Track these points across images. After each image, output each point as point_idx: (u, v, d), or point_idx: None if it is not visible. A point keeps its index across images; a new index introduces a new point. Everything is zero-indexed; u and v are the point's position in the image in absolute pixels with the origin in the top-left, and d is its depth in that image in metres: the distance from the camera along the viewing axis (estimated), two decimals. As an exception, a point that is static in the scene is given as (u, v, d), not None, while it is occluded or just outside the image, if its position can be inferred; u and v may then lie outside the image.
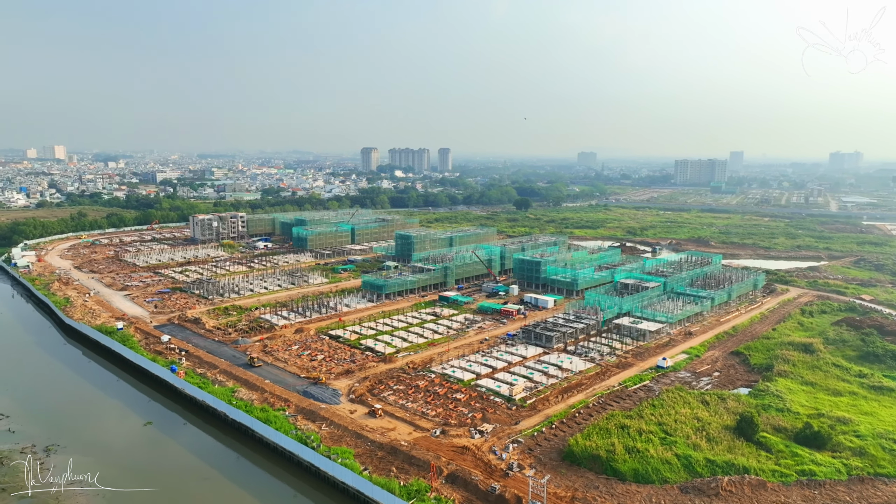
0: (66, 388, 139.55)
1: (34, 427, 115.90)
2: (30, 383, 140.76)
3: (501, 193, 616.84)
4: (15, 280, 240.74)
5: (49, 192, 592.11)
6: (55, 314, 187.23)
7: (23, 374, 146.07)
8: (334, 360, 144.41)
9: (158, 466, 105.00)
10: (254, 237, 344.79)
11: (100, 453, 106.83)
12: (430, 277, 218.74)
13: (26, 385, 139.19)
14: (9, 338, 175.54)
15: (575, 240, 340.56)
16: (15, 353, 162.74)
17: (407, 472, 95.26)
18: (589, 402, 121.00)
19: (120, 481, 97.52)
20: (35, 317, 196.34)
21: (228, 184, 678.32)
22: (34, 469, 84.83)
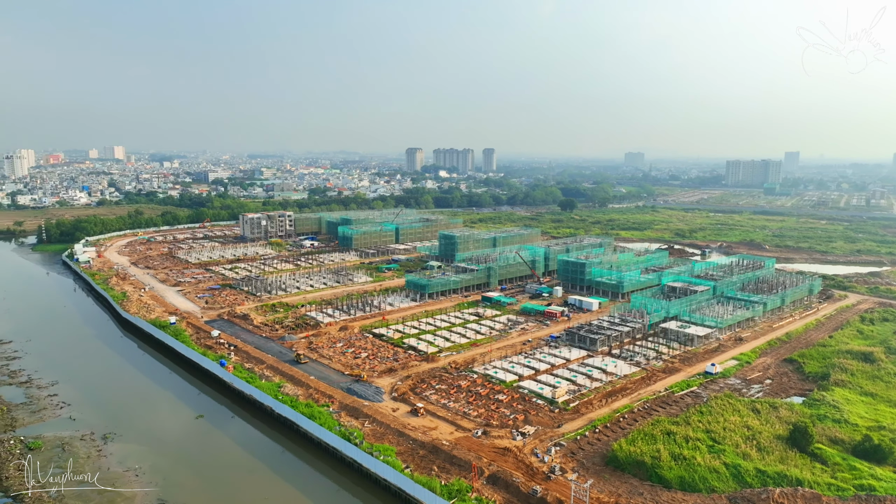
0: (122, 379, 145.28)
1: (93, 415, 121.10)
2: (89, 374, 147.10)
3: (546, 194, 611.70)
4: (77, 274, 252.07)
5: (109, 190, 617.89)
6: (113, 308, 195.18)
7: (83, 365, 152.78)
8: (377, 358, 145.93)
9: (208, 458, 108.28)
10: (301, 236, 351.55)
11: (154, 443, 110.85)
12: (474, 278, 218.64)
13: (86, 375, 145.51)
14: (71, 330, 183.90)
15: (621, 241, 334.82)
16: (76, 344, 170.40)
17: (448, 471, 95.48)
18: (634, 407, 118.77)
19: (171, 472, 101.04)
20: (94, 310, 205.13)
21: (277, 183, 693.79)
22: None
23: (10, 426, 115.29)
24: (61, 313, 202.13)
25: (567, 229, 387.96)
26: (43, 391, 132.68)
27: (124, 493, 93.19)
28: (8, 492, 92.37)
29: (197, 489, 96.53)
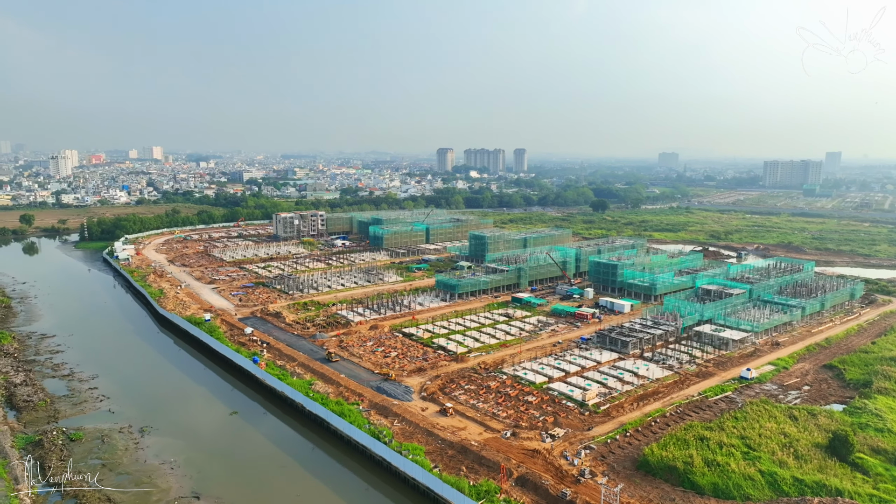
0: (159, 373, 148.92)
1: (131, 409, 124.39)
2: (128, 368, 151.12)
3: (577, 195, 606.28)
4: (116, 271, 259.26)
5: (147, 190, 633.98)
6: (150, 304, 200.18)
7: (122, 359, 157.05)
8: (407, 358, 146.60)
9: (241, 453, 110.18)
10: (332, 235, 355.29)
11: (189, 437, 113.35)
12: (504, 278, 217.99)
13: (125, 369, 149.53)
14: (111, 325, 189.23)
15: (654, 243, 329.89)
16: (116, 339, 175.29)
17: (476, 472, 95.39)
18: (666, 411, 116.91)
19: (205, 466, 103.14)
20: (133, 306, 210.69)
21: (309, 183, 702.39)
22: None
23: (53, 417, 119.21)
24: (102, 309, 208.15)
25: (599, 230, 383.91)
26: (84, 384, 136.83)
27: (160, 485, 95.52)
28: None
29: (230, 483, 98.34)
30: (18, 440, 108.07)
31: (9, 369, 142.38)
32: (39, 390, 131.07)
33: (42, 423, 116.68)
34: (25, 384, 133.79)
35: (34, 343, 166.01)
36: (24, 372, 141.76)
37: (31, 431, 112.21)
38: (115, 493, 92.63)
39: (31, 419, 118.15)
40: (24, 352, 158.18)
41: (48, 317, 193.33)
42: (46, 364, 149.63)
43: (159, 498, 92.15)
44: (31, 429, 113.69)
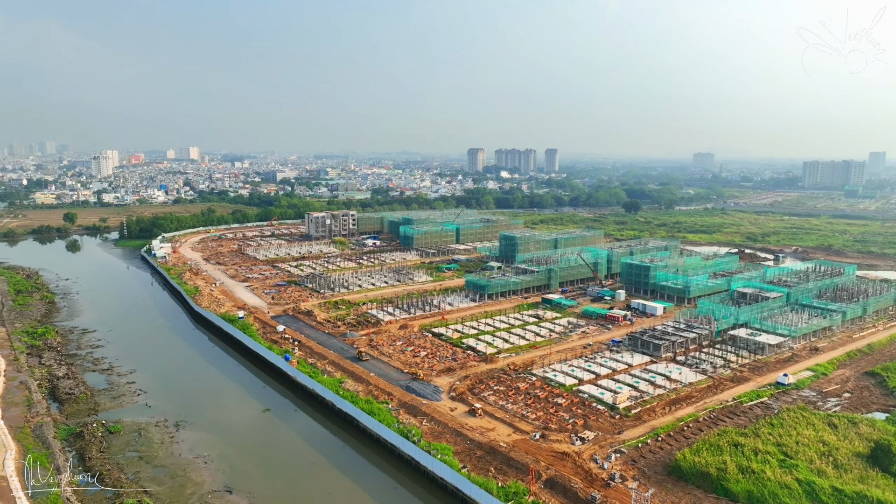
0: (194, 369, 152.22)
1: (167, 403, 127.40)
2: (164, 363, 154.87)
3: (609, 195, 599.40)
4: (154, 269, 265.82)
5: (184, 189, 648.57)
6: (186, 301, 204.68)
7: (158, 355, 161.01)
8: (436, 358, 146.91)
9: (272, 449, 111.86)
10: (363, 235, 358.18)
11: (222, 432, 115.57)
12: (534, 279, 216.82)
13: (161, 365, 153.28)
14: (148, 321, 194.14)
15: (688, 245, 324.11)
16: (153, 335, 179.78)
17: (505, 473, 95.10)
18: (699, 416, 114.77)
19: (238, 461, 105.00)
20: (169, 303, 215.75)
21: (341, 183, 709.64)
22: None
23: (93, 410, 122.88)
24: (140, 305, 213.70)
25: (631, 231, 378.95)
26: (122, 378, 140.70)
27: (194, 479, 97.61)
28: (91, 471, 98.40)
29: (262, 479, 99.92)
30: (61, 431, 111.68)
31: (52, 363, 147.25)
32: (81, 383, 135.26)
33: (83, 415, 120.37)
34: (67, 377, 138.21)
35: (76, 338, 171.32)
36: (66, 365, 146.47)
37: (72, 423, 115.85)
38: (152, 486, 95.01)
39: (72, 411, 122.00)
40: (67, 346, 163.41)
41: (89, 312, 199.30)
42: (87, 358, 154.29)
43: (193, 491, 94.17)
44: (72, 421, 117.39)
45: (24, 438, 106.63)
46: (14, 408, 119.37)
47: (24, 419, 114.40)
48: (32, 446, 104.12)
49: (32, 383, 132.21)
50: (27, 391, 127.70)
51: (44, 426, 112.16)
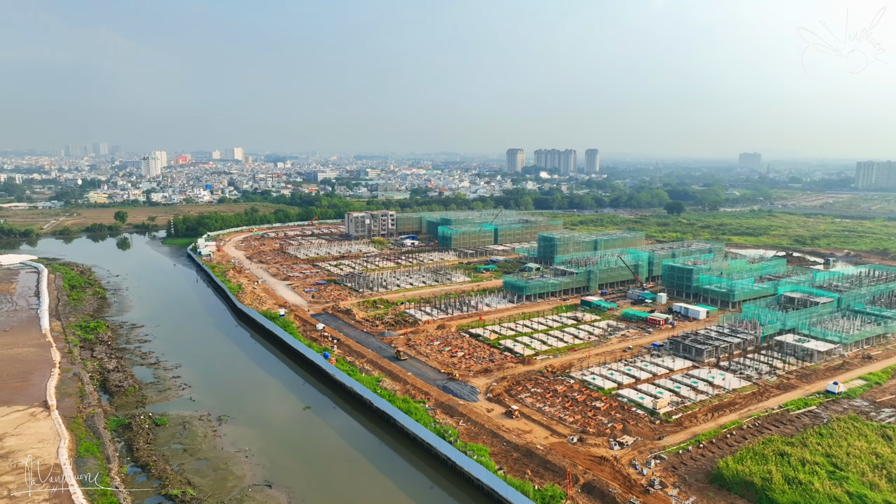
0: (236, 365, 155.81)
1: (210, 398, 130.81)
2: (208, 359, 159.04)
3: (651, 196, 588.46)
4: (199, 266, 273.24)
5: (228, 189, 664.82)
6: (229, 299, 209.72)
7: (202, 350, 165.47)
8: (473, 358, 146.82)
9: (311, 446, 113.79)
10: (402, 235, 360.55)
11: (263, 427, 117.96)
12: (573, 281, 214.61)
13: (205, 360, 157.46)
14: (194, 318, 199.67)
15: (732, 247, 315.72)
16: (198, 331, 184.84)
17: (542, 476, 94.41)
18: (743, 424, 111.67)
19: (278, 456, 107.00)
20: (213, 300, 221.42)
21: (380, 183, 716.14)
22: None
23: (141, 403, 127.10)
24: (185, 302, 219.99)
25: (673, 233, 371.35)
26: (168, 373, 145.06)
27: (235, 472, 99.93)
28: (138, 462, 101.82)
29: (300, 474, 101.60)
30: (111, 422, 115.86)
31: (103, 356, 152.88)
32: (129, 377, 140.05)
33: (131, 407, 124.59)
34: (117, 370, 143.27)
35: (125, 332, 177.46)
36: (116, 359, 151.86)
37: (121, 415, 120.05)
38: (195, 477, 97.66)
39: (121, 403, 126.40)
40: (117, 340, 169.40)
41: (138, 308, 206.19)
42: (136, 352, 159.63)
43: (234, 484, 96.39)
44: (121, 412, 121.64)
45: (77, 428, 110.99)
46: (68, 398, 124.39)
47: (77, 410, 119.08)
48: (84, 436, 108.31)
49: (85, 375, 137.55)
50: (80, 383, 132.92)
51: (95, 417, 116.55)
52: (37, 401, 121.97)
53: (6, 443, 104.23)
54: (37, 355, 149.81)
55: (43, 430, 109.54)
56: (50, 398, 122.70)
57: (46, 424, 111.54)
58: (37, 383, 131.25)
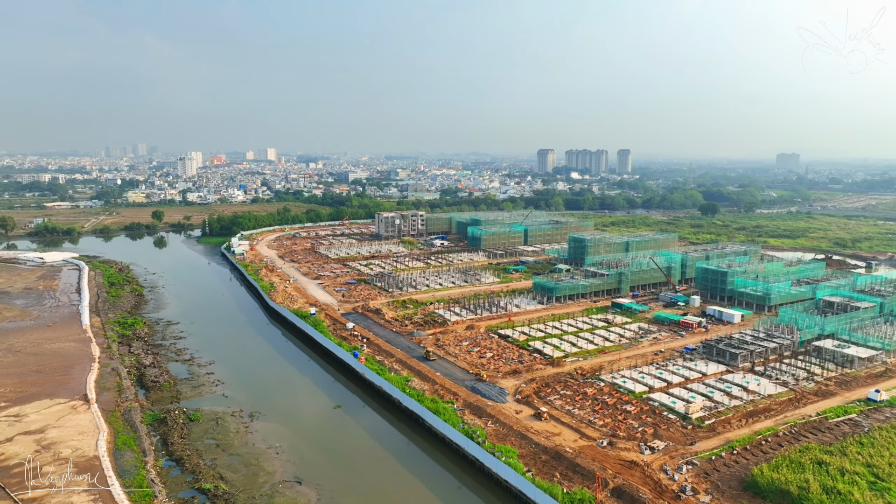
0: (268, 362, 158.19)
1: (242, 394, 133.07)
2: (241, 356, 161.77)
3: (685, 197, 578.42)
4: (232, 265, 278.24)
5: (262, 189, 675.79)
6: (261, 297, 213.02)
7: (235, 348, 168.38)
8: (502, 359, 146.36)
9: (340, 444, 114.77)
10: (431, 235, 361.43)
11: (293, 425, 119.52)
12: (604, 283, 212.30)
13: (238, 357, 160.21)
14: (227, 316, 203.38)
15: (769, 250, 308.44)
16: (231, 328, 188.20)
17: (570, 479, 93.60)
18: (779, 431, 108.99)
19: (308, 453, 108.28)
20: (246, 298, 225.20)
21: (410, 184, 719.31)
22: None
23: (175, 398, 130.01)
24: (219, 300, 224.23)
25: (707, 235, 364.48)
26: (202, 369, 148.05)
27: (266, 468, 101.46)
28: (172, 455, 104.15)
29: (330, 472, 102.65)
30: (147, 416, 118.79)
31: (140, 352, 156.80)
32: (165, 372, 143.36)
33: (166, 402, 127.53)
34: (153, 366, 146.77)
35: (161, 329, 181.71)
36: (152, 355, 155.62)
37: (157, 410, 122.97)
38: (227, 472, 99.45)
39: (157, 398, 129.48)
40: (153, 336, 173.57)
41: (173, 305, 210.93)
42: (171, 349, 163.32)
43: (265, 480, 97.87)
44: (157, 407, 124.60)
45: (115, 422, 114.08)
46: (106, 392, 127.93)
47: (115, 404, 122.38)
48: (122, 429, 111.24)
49: (123, 370, 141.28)
50: (118, 377, 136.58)
51: (132, 411, 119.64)
52: (77, 394, 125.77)
53: (49, 434, 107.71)
54: (78, 350, 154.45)
55: (83, 422, 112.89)
56: (90, 392, 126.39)
57: (86, 417, 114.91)
58: (77, 377, 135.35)
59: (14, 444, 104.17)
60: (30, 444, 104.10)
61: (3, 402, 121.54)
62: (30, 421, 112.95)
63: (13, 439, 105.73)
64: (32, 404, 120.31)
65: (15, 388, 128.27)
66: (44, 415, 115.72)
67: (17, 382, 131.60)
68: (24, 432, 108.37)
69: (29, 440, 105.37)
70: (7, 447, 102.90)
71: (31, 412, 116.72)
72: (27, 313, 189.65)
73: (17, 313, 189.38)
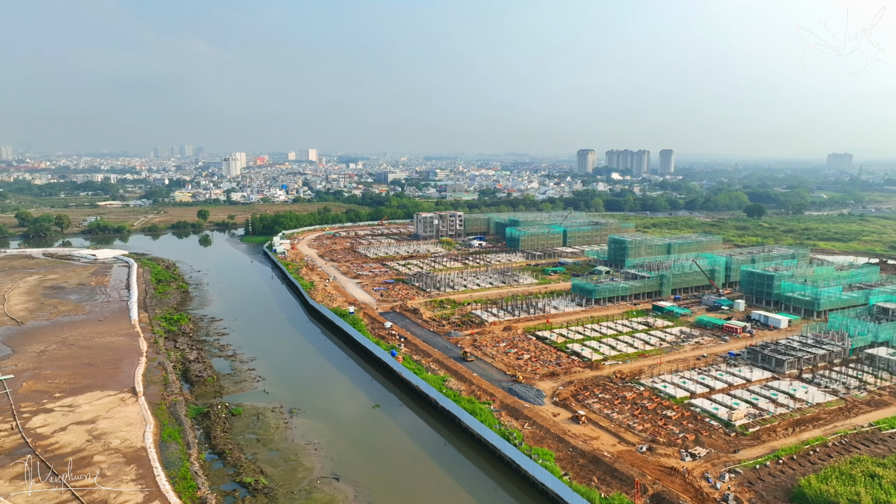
0: (308, 360, 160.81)
1: (282, 390, 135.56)
2: (281, 353, 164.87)
3: (730, 199, 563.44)
4: (274, 264, 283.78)
5: (303, 189, 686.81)
6: (302, 295, 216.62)
7: (276, 345, 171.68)
8: (539, 361, 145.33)
9: (377, 441, 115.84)
10: (469, 235, 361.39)
11: (332, 421, 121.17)
12: (644, 285, 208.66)
13: (278, 354, 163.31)
14: (268, 313, 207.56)
15: (818, 253, 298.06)
16: (272, 325, 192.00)
17: (608, 484, 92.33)
18: (828, 441, 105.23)
19: (346, 450, 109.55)
20: (287, 296, 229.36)
21: (449, 184, 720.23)
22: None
23: (218, 393, 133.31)
24: (261, 297, 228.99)
25: (753, 238, 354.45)
26: (244, 365, 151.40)
27: (304, 464, 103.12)
28: (215, 449, 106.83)
29: (367, 469, 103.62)
30: (191, 410, 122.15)
31: (185, 347, 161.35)
32: (208, 367, 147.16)
33: (209, 396, 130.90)
34: (197, 361, 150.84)
35: (205, 325, 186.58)
36: (197, 350, 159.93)
37: (200, 403, 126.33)
38: (267, 467, 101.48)
39: (201, 392, 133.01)
40: (198, 332, 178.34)
41: (217, 302, 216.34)
42: (214, 344, 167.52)
43: (304, 476, 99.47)
44: (200, 401, 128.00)
45: (161, 414, 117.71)
46: (153, 386, 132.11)
47: (161, 397, 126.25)
48: (167, 422, 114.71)
49: (168, 365, 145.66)
50: (164, 372, 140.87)
51: (177, 404, 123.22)
52: (126, 387, 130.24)
53: (99, 425, 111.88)
54: (126, 344, 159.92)
55: (131, 414, 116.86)
56: (137, 385, 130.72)
57: (134, 409, 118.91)
58: (126, 370, 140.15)
59: (67, 433, 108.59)
60: (82, 433, 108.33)
61: (59, 392, 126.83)
62: (82, 412, 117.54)
63: (67, 428, 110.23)
64: (85, 395, 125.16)
65: (69, 380, 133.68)
66: (95, 406, 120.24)
67: (71, 374, 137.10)
68: (77, 422, 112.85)
69: (81, 430, 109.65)
70: (61, 436, 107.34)
71: (84, 403, 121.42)
72: (81, 308, 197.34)
73: (72, 308, 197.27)
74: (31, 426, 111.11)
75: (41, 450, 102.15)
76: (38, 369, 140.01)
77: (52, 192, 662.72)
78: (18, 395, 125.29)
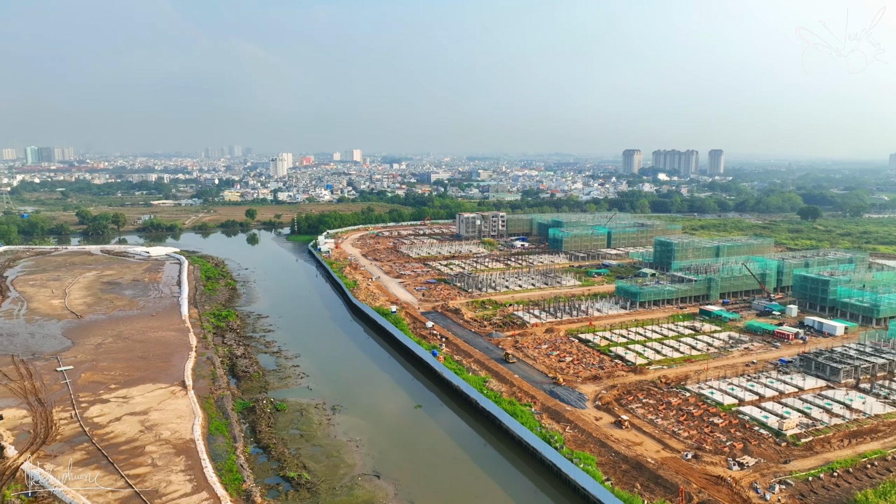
0: (350, 358, 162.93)
1: (325, 387, 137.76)
2: (324, 350, 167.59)
3: (783, 200, 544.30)
4: (318, 262, 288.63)
5: (347, 189, 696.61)
6: (345, 294, 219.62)
7: (320, 342, 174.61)
8: (582, 364, 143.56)
9: (418, 440, 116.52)
10: (512, 236, 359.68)
11: (373, 419, 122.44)
12: (691, 289, 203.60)
13: (322, 351, 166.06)
14: (313, 311, 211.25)
15: (878, 258, 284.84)
16: (316, 323, 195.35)
17: (652, 491, 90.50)
18: (887, 454, 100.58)
19: (386, 448, 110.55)
20: (330, 294, 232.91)
21: (492, 185, 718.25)
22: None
23: (263, 388, 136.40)
24: (305, 295, 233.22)
25: (807, 241, 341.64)
26: (289, 361, 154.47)
27: (346, 461, 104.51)
28: (260, 443, 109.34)
29: (407, 468, 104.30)
30: (237, 404, 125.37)
31: (232, 343, 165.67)
32: (255, 363, 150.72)
33: (255, 392, 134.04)
34: (244, 357, 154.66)
35: (252, 321, 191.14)
36: (243, 346, 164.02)
37: (246, 398, 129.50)
38: (310, 462, 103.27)
39: (247, 388, 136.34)
40: (244, 329, 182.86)
41: (263, 299, 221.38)
42: (260, 341, 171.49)
43: (345, 472, 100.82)
44: (246, 396, 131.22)
45: (209, 408, 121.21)
46: (202, 380, 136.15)
47: (209, 391, 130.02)
48: (215, 415, 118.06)
49: (217, 360, 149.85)
50: (212, 366, 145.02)
51: (224, 399, 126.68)
52: (176, 380, 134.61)
53: (151, 416, 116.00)
54: (177, 339, 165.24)
55: (181, 407, 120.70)
56: (187, 378, 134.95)
57: (183, 402, 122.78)
58: (177, 364, 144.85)
59: (122, 423, 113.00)
60: (135, 424, 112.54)
61: (114, 384, 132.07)
62: (135, 403, 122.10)
63: (121, 419, 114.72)
64: (138, 387, 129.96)
65: (123, 372, 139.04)
66: (147, 398, 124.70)
67: (126, 367, 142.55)
68: (131, 413, 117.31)
69: (134, 421, 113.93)
70: (116, 426, 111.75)
71: (137, 395, 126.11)
72: (135, 303, 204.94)
73: (126, 303, 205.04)
74: (89, 415, 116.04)
75: (98, 438, 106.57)
76: (96, 361, 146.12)
77: (109, 192, 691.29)
78: (77, 385, 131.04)
